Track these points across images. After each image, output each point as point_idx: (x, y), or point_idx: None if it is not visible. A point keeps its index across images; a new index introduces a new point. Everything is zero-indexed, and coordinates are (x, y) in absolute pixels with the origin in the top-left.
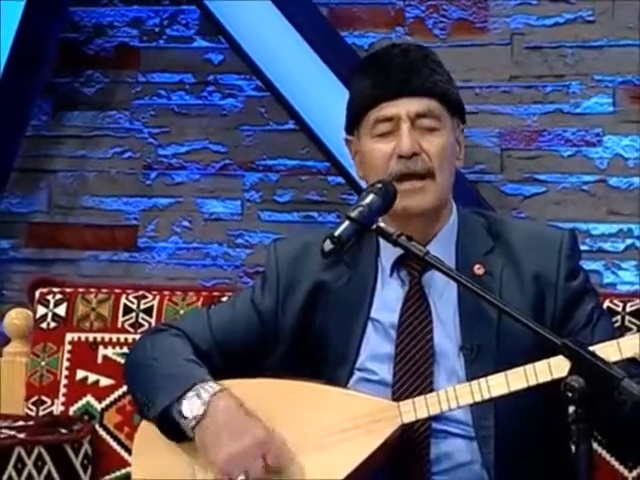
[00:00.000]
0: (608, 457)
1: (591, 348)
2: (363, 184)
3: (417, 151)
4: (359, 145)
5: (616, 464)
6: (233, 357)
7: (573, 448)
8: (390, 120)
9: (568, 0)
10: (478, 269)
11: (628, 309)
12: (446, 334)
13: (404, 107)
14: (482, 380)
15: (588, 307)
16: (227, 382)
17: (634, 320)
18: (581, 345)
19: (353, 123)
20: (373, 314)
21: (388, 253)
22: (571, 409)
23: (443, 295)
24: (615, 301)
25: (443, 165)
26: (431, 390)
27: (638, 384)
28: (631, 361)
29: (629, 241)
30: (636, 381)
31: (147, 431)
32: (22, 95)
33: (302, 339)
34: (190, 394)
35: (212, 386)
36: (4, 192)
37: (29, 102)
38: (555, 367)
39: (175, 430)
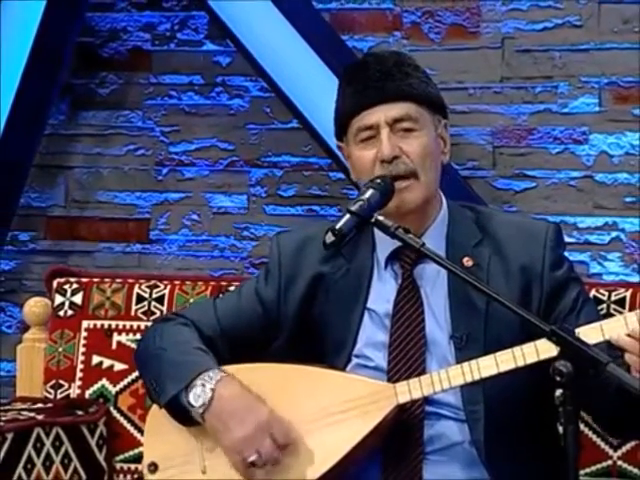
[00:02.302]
0: (594, 437)
1: (576, 330)
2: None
3: (397, 154)
4: (348, 151)
5: (602, 444)
6: (238, 344)
7: (560, 429)
8: (371, 128)
9: (556, 6)
10: (467, 261)
11: (613, 298)
12: (437, 323)
13: (382, 114)
14: (473, 362)
15: (572, 294)
16: (232, 367)
17: (619, 308)
18: (568, 331)
19: (340, 131)
20: (369, 304)
21: (383, 247)
22: (559, 392)
23: (434, 287)
24: (601, 290)
25: (426, 163)
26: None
27: (619, 366)
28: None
29: (614, 234)
30: (617, 363)
31: (158, 413)
32: (41, 95)
33: (303, 327)
34: (196, 383)
35: (216, 374)
36: (24, 187)
37: (47, 102)
38: (541, 349)
39: (184, 415)
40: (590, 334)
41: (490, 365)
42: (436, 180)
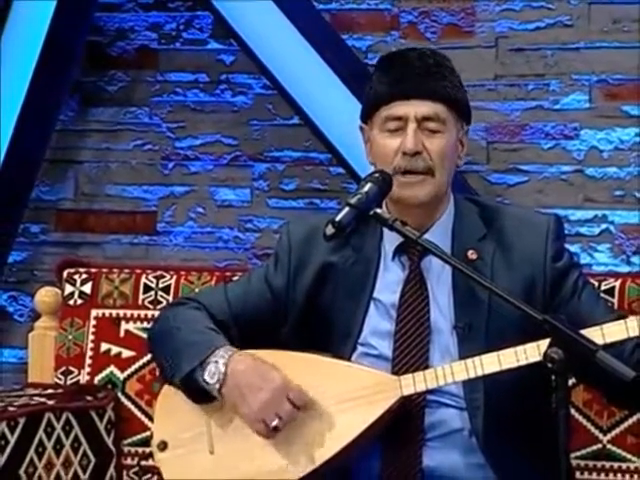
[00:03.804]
0: (585, 422)
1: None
2: (370, 169)
3: (420, 150)
4: (371, 135)
5: (592, 428)
6: (247, 329)
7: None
8: (400, 119)
9: (548, 6)
10: (472, 254)
11: (603, 287)
12: (441, 314)
13: (413, 109)
14: (476, 358)
15: (572, 279)
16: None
17: (608, 297)
18: (561, 320)
19: (367, 114)
20: (375, 294)
21: (391, 239)
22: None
23: (439, 279)
24: (591, 280)
25: (443, 164)
26: (427, 364)
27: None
28: None
29: (603, 226)
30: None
31: (169, 394)
32: (52, 93)
33: (310, 314)
34: (210, 360)
35: (227, 351)
36: (35, 181)
37: (58, 99)
38: (543, 348)
39: (199, 392)
40: (592, 336)
41: (493, 362)
42: (448, 181)
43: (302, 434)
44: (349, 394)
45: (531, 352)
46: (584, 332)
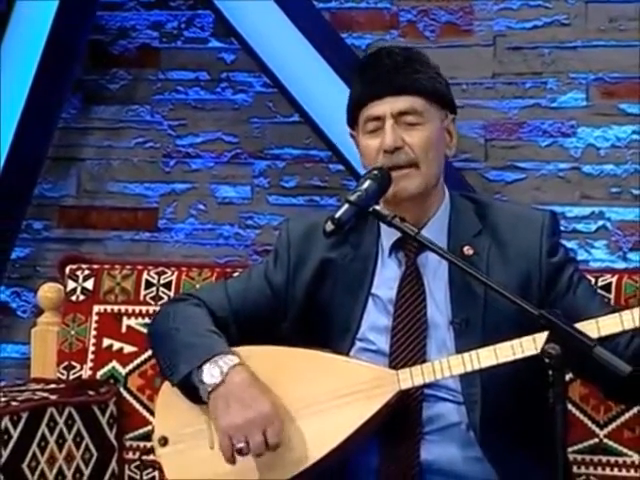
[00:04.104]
0: (582, 416)
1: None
2: (364, 171)
3: (400, 145)
4: (358, 139)
5: (589, 423)
6: (247, 325)
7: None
8: (377, 119)
9: (545, 5)
10: (467, 250)
11: (600, 283)
12: (438, 309)
13: (388, 106)
14: (473, 352)
15: (568, 274)
16: (241, 348)
17: (605, 293)
18: (557, 315)
19: (352, 119)
20: (373, 290)
21: (388, 236)
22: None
23: (436, 274)
24: (588, 276)
25: (428, 155)
26: (424, 359)
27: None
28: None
29: (600, 222)
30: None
31: (169, 391)
32: (54, 91)
33: (309, 310)
34: (210, 364)
35: (231, 359)
36: (38, 178)
37: (61, 97)
38: (539, 342)
39: (195, 393)
40: (586, 329)
41: (489, 356)
42: (438, 172)
43: (300, 429)
44: (347, 389)
45: (527, 345)
46: (579, 325)
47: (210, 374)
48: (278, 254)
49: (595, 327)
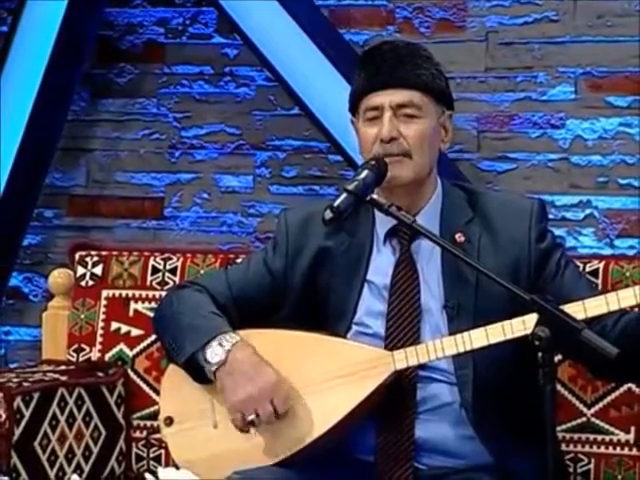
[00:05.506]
0: (570, 396)
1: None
2: (361, 160)
3: (395, 136)
4: (358, 125)
5: (577, 402)
6: (247, 310)
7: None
8: (377, 109)
9: (536, 2)
10: (459, 237)
11: (587, 269)
12: (431, 294)
13: (388, 97)
14: (465, 334)
15: (555, 258)
16: (242, 332)
17: (593, 278)
18: (547, 300)
19: (353, 108)
20: (369, 276)
21: (382, 224)
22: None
23: (429, 261)
24: (577, 262)
25: (422, 147)
26: (419, 342)
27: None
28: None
29: (588, 211)
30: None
31: (174, 372)
32: (64, 85)
33: (307, 296)
34: (214, 343)
35: (233, 337)
36: (49, 168)
37: (70, 91)
38: (529, 323)
39: (200, 373)
40: (573, 311)
41: (481, 337)
42: (430, 164)
43: (301, 408)
44: (344, 369)
45: (517, 326)
46: (567, 306)
47: (214, 353)
48: (277, 242)
49: (582, 308)
